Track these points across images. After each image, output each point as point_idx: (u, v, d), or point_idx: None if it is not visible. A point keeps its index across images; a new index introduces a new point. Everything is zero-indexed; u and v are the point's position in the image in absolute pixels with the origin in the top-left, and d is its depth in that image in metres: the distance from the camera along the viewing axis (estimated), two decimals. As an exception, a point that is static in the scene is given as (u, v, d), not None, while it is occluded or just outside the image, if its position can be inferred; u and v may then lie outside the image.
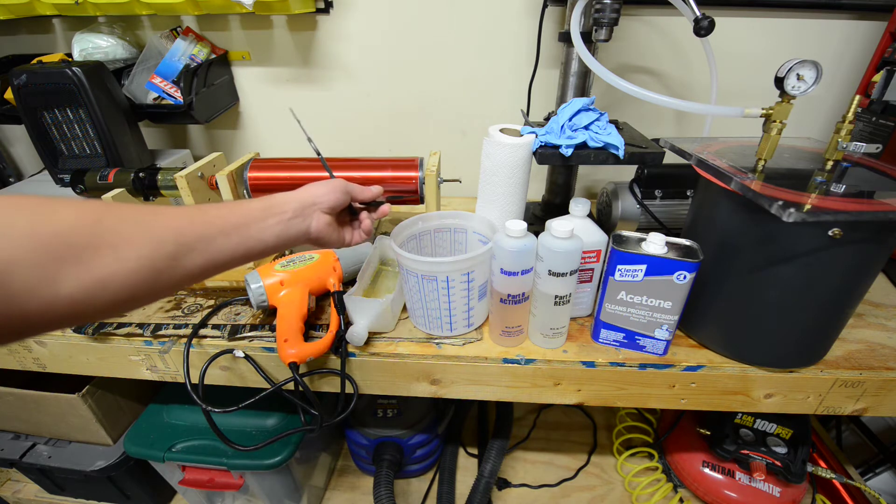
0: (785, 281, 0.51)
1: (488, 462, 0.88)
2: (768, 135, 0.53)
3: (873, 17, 0.85)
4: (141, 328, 0.66)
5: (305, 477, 0.90)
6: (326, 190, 0.51)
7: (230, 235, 0.41)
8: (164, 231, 0.35)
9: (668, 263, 0.52)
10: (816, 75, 0.50)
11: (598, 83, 0.74)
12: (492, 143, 0.66)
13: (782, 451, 0.81)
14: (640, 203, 0.78)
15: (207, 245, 0.39)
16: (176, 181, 0.69)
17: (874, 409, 0.62)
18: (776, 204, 0.44)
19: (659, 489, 0.94)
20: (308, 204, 0.49)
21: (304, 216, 0.48)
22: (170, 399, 0.87)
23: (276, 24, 0.95)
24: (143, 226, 0.34)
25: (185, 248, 0.37)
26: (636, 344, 0.60)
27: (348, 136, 1.06)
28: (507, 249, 0.53)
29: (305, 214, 0.48)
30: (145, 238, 0.34)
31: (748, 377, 0.59)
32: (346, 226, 0.57)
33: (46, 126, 0.81)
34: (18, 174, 1.21)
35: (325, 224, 0.51)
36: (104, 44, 0.92)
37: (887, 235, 0.47)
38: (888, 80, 0.75)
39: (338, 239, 0.54)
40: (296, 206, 0.48)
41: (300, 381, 0.57)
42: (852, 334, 0.64)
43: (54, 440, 0.92)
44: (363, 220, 0.57)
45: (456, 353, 0.62)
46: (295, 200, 0.48)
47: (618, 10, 0.62)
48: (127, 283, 0.32)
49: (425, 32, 0.93)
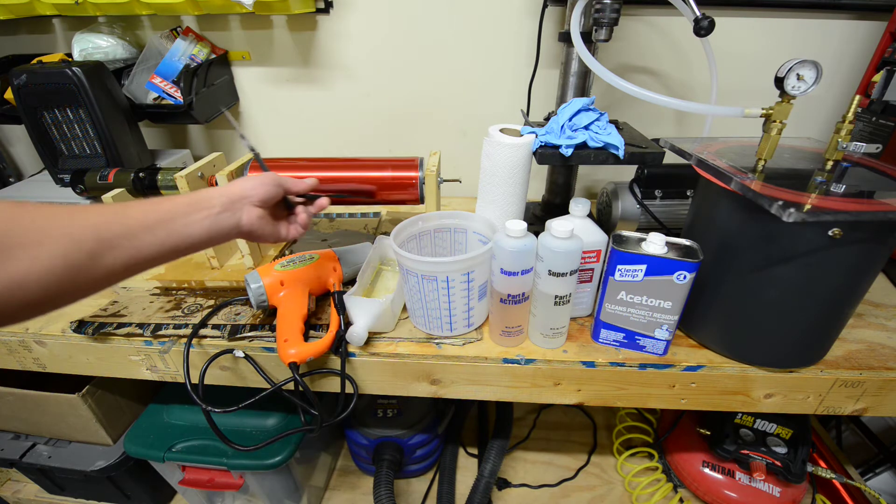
0: (785, 281, 0.51)
1: (488, 462, 0.88)
2: (768, 135, 0.53)
3: (873, 17, 0.85)
4: (141, 328, 0.66)
5: (305, 477, 0.90)
6: (256, 183, 0.51)
7: (154, 231, 0.41)
8: (81, 229, 0.35)
9: (668, 263, 0.52)
10: (816, 75, 0.50)
11: (598, 83, 0.74)
12: (492, 143, 0.66)
13: (782, 451, 0.81)
14: (640, 203, 0.78)
15: (130, 241, 0.39)
16: (176, 181, 0.69)
17: (874, 409, 0.62)
18: (776, 204, 0.44)
19: (659, 489, 0.94)
20: (237, 198, 0.48)
21: (234, 210, 0.48)
22: (170, 399, 0.87)
23: (276, 24, 0.95)
24: (59, 224, 0.34)
25: (105, 246, 0.36)
26: (636, 344, 0.60)
27: (348, 136, 1.06)
28: (507, 249, 0.53)
29: (235, 208, 0.48)
30: (62, 237, 0.34)
31: (748, 377, 0.59)
32: (281, 220, 0.56)
33: (46, 126, 0.81)
34: (18, 174, 1.21)
35: (257, 217, 0.50)
36: (104, 44, 0.92)
37: (887, 235, 0.47)
38: (888, 80, 0.75)
39: (272, 232, 0.54)
40: (224, 201, 0.47)
41: (300, 381, 0.57)
42: (852, 334, 0.64)
43: (54, 440, 0.92)
44: (299, 214, 0.57)
45: (456, 353, 0.62)
46: (223, 195, 0.48)
47: (618, 10, 0.62)
48: (43, 283, 0.33)
49: (425, 32, 0.93)
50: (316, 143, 1.08)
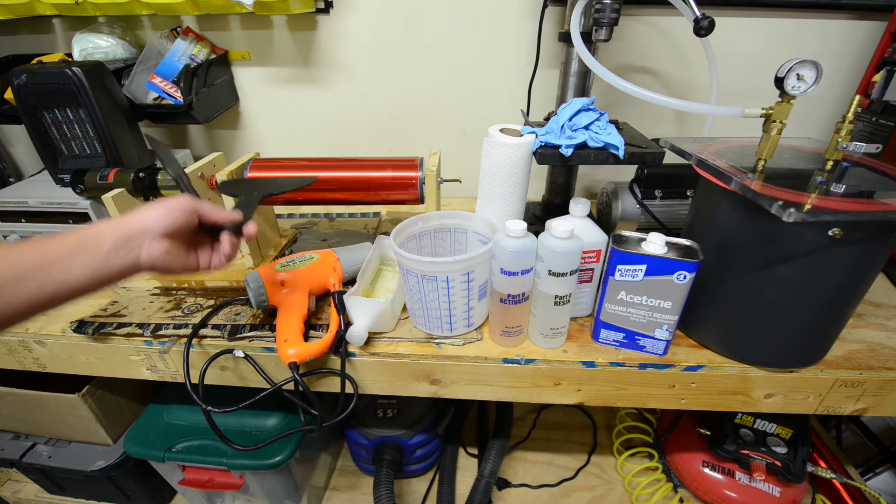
0: (785, 281, 0.51)
1: (488, 462, 0.88)
2: (768, 135, 0.53)
3: (873, 17, 0.85)
4: (141, 328, 0.66)
5: (305, 477, 0.90)
6: (162, 212, 0.45)
7: (24, 282, 0.37)
8: None
9: (668, 263, 0.52)
10: (816, 75, 0.50)
11: (598, 83, 0.74)
12: (492, 143, 0.66)
13: (782, 451, 0.81)
14: (640, 203, 0.78)
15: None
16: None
17: (874, 409, 0.62)
18: (776, 204, 0.44)
19: (659, 489, 0.94)
20: (135, 232, 0.43)
21: (130, 248, 0.43)
22: (170, 399, 0.87)
23: (276, 24, 0.95)
24: None
25: None
26: (636, 344, 0.60)
27: (348, 136, 1.06)
28: (507, 249, 0.53)
29: (131, 245, 0.43)
30: None
31: (748, 377, 0.59)
32: (202, 247, 0.51)
33: (46, 126, 0.81)
34: (18, 174, 1.21)
35: (162, 252, 0.45)
36: (104, 44, 0.92)
37: (887, 235, 0.47)
38: (888, 80, 0.75)
39: (184, 265, 0.48)
40: (116, 238, 0.42)
41: (300, 381, 0.57)
42: (852, 334, 0.64)
43: (54, 440, 0.92)
44: (223, 242, 0.51)
45: (456, 353, 0.62)
46: (117, 230, 0.43)
47: (618, 10, 0.62)
48: None
49: (425, 32, 0.93)
50: (316, 143, 1.08)
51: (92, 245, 0.41)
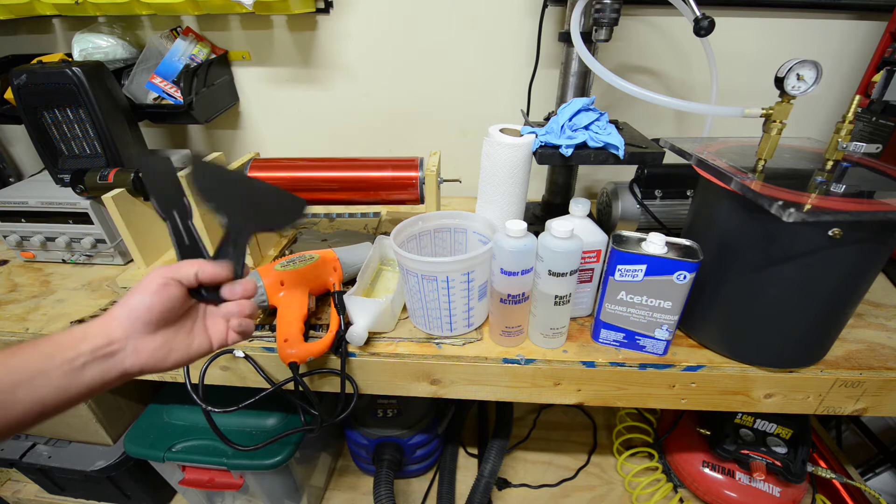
0: (785, 281, 0.51)
1: (488, 462, 0.88)
2: (768, 135, 0.53)
3: (873, 17, 0.85)
4: (141, 328, 0.65)
5: (305, 477, 0.90)
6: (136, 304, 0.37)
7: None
8: None
9: (668, 263, 0.52)
10: (816, 75, 0.50)
11: (598, 83, 0.74)
12: (492, 143, 0.66)
13: (782, 451, 0.81)
14: (640, 203, 0.78)
15: None
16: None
17: (874, 409, 0.62)
18: (776, 204, 0.44)
19: (659, 489, 0.94)
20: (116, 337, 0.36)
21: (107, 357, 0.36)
22: (170, 399, 0.87)
23: (276, 24, 0.95)
24: None
25: None
26: (636, 344, 0.60)
27: (348, 137, 1.06)
28: (507, 249, 0.53)
29: (113, 352, 0.36)
30: None
31: (748, 377, 0.59)
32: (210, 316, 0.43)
33: (46, 126, 0.81)
34: (18, 174, 1.21)
35: (153, 350, 0.38)
36: (104, 44, 0.91)
37: (887, 235, 0.47)
38: (888, 80, 0.75)
39: (184, 355, 0.40)
40: (93, 347, 0.35)
41: (300, 381, 0.58)
42: (852, 334, 0.64)
43: (54, 440, 0.92)
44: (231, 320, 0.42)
45: (456, 353, 0.62)
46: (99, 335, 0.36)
47: (618, 10, 0.62)
48: None
49: (425, 32, 0.93)
50: (316, 143, 1.08)
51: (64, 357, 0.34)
